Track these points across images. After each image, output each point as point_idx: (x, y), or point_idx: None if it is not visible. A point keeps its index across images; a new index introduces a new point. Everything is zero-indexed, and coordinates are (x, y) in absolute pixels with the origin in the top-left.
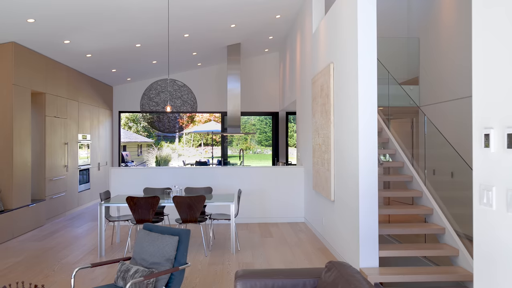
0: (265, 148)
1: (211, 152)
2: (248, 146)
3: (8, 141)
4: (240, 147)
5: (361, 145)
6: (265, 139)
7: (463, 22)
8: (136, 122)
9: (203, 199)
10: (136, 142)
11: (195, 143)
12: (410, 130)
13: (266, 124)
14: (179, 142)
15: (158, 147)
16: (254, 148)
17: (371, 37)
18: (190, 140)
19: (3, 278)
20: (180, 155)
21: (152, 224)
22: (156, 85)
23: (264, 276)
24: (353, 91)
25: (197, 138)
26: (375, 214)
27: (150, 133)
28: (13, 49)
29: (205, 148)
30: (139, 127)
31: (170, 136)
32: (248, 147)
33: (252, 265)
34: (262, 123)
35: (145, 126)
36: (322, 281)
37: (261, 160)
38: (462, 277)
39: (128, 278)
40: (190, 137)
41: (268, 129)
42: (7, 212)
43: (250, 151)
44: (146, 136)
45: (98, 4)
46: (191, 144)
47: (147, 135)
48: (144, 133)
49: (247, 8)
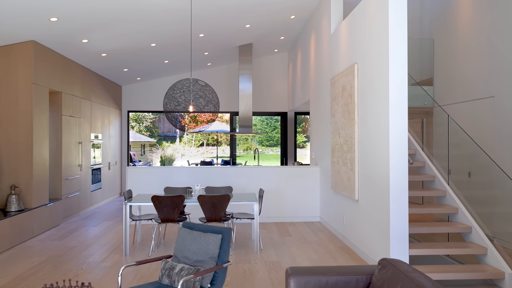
0: (265, 148)
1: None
2: (249, 146)
3: (29, 140)
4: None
5: (392, 145)
6: (266, 139)
7: (480, 22)
8: (138, 122)
9: (228, 199)
10: (140, 142)
11: (197, 143)
12: (420, 130)
13: (267, 124)
14: (180, 142)
15: (161, 147)
16: (255, 148)
17: (402, 37)
18: (191, 140)
19: (33, 276)
20: (183, 155)
21: (191, 222)
22: (180, 85)
23: (317, 273)
24: (382, 91)
25: (198, 138)
26: (405, 214)
27: (152, 132)
28: (33, 48)
29: (206, 148)
30: (142, 126)
31: (171, 136)
32: (248, 147)
33: (278, 264)
34: (263, 123)
35: (147, 126)
36: (377, 278)
37: (263, 160)
38: (492, 275)
39: (174, 276)
40: (191, 137)
41: (269, 129)
42: (27, 211)
43: (251, 151)
44: (148, 135)
45: (120, 4)
46: (192, 144)
47: (149, 134)
48: (147, 133)
49: (263, 8)
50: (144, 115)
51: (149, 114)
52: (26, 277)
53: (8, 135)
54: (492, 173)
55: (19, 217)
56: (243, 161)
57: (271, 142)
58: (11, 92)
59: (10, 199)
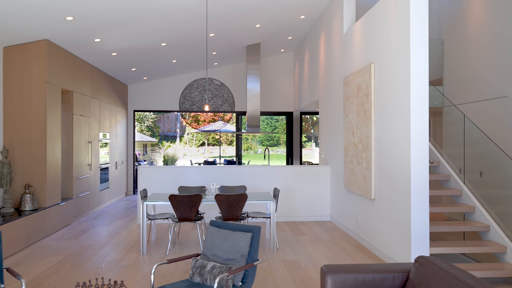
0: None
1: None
2: (249, 146)
3: (42, 140)
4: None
5: (413, 145)
6: (267, 139)
7: (493, 20)
8: (140, 122)
9: (245, 198)
10: (142, 142)
11: (197, 142)
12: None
13: (267, 124)
14: (180, 142)
15: (163, 146)
16: (255, 148)
17: (423, 37)
18: (191, 139)
19: (54, 275)
20: (185, 154)
21: (219, 221)
22: (196, 84)
23: (353, 271)
24: (403, 90)
25: (199, 137)
26: (426, 212)
27: (153, 132)
28: (47, 47)
29: (206, 147)
30: (143, 126)
31: (171, 136)
32: (249, 147)
33: (297, 262)
34: (263, 123)
35: (149, 126)
36: (414, 275)
37: (263, 160)
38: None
39: (205, 274)
40: (192, 137)
41: (270, 129)
42: (41, 210)
43: (252, 151)
44: (150, 135)
45: (136, 3)
46: (193, 144)
47: (151, 134)
48: (148, 133)
49: (275, 7)
50: (146, 114)
51: (151, 114)
52: (48, 275)
53: (22, 134)
54: (506, 172)
55: (33, 217)
56: (245, 160)
57: (272, 142)
58: (24, 91)
59: (25, 199)
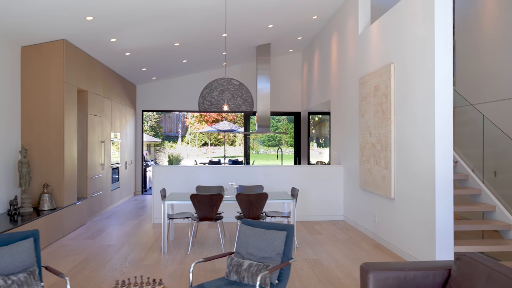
0: (268, 148)
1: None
2: (251, 146)
3: (60, 139)
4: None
5: (438, 145)
6: (268, 139)
7: (506, 22)
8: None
9: (266, 197)
10: (147, 142)
11: (199, 143)
12: None
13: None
14: (182, 142)
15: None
16: (257, 148)
17: (448, 36)
18: (194, 140)
19: (79, 275)
20: (188, 154)
21: (251, 220)
22: (216, 84)
23: (394, 268)
24: (426, 90)
25: (201, 137)
26: (450, 211)
27: (156, 132)
28: (64, 46)
29: (208, 148)
30: (146, 126)
31: (173, 136)
32: (251, 147)
33: (319, 261)
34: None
35: (152, 126)
36: (456, 272)
37: (268, 160)
38: None
39: (242, 272)
40: (194, 137)
41: (272, 129)
42: (59, 210)
43: (254, 151)
44: (153, 135)
45: (156, 1)
46: (195, 144)
47: (154, 134)
48: (151, 133)
49: (289, 8)
50: (149, 114)
51: (154, 114)
52: (74, 275)
53: (40, 134)
54: None
55: (52, 216)
56: (250, 161)
57: (273, 142)
58: (42, 91)
59: (43, 198)
